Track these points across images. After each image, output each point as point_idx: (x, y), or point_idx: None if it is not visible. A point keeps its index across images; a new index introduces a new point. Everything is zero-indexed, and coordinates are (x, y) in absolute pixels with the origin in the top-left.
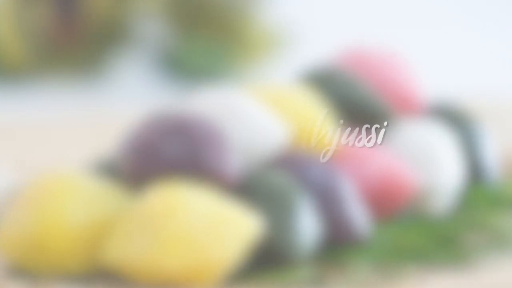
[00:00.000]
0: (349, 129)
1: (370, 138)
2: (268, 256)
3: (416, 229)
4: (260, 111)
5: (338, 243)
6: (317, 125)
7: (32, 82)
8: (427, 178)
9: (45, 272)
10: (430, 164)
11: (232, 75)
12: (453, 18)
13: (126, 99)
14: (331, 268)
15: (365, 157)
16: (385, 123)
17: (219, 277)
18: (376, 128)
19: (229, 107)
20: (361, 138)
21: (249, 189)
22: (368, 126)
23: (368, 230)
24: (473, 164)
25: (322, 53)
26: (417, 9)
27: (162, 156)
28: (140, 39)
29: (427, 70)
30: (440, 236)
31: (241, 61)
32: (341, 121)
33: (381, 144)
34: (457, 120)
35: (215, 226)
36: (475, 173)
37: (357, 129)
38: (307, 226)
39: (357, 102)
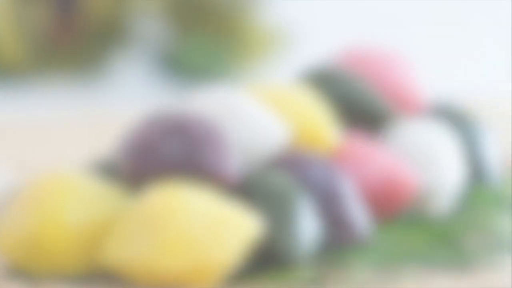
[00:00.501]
0: (349, 129)
1: (370, 138)
2: (268, 256)
3: (416, 230)
4: (260, 111)
5: (338, 244)
6: (317, 125)
7: (32, 82)
8: (427, 179)
9: (44, 272)
10: (430, 164)
11: (232, 75)
12: (453, 18)
13: (126, 99)
14: (331, 269)
15: (365, 157)
16: (385, 123)
17: (218, 277)
18: (376, 128)
19: (229, 107)
20: (361, 138)
21: (249, 189)
22: (368, 126)
23: (369, 230)
24: (474, 164)
25: (322, 53)
26: (417, 9)
27: (162, 156)
28: (140, 39)
29: (427, 70)
30: (441, 237)
31: (241, 61)
32: (341, 121)
33: (381, 144)
34: (457, 121)
35: (214, 226)
36: (476, 173)
37: (357, 129)
38: (307, 226)
39: (357, 102)
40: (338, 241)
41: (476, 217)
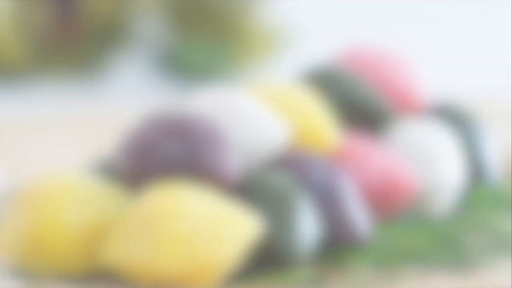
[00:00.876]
0: (349, 129)
1: (370, 138)
2: (267, 257)
3: (416, 230)
4: (260, 110)
5: (338, 244)
6: (317, 125)
7: (31, 82)
8: (428, 179)
9: (44, 271)
10: (430, 164)
11: (232, 75)
12: (453, 17)
13: (126, 99)
14: (331, 269)
15: (366, 157)
16: (385, 123)
17: (218, 277)
18: (376, 128)
19: (229, 107)
20: (361, 138)
21: (249, 189)
22: (368, 126)
23: (369, 231)
24: (474, 164)
25: (322, 53)
26: (417, 9)
27: (161, 156)
28: (140, 39)
29: (427, 70)
30: (441, 237)
31: (241, 60)
32: (341, 121)
33: (381, 144)
34: (457, 120)
35: (214, 226)
36: (476, 173)
37: (357, 129)
38: (307, 226)
39: (357, 102)
40: (338, 241)
41: (477, 217)
